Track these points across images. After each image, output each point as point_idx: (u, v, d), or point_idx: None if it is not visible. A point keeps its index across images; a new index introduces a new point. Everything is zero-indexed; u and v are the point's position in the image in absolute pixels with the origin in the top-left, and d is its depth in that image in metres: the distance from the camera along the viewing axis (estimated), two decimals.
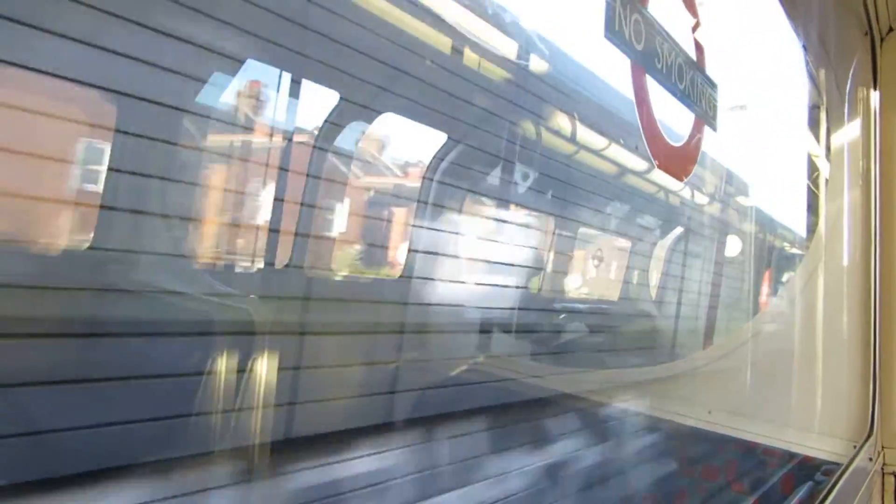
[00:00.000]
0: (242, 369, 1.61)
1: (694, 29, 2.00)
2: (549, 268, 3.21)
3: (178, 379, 1.63)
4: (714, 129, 2.04)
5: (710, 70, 2.06)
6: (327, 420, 2.09)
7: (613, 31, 1.56)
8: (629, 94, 1.68)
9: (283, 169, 2.25)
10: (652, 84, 1.75)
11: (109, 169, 1.73)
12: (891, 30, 2.62)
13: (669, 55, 1.80)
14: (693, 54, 1.96)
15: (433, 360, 2.51)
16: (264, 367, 1.64)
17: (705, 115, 1.98)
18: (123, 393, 1.55)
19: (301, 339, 2.05)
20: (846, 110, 2.73)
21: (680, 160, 1.89)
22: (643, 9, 1.71)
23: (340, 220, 2.71)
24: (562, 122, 2.77)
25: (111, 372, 1.56)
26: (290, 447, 1.88)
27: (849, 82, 2.70)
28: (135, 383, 1.59)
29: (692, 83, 1.90)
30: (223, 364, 1.57)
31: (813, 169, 3.01)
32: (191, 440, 1.49)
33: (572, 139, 2.84)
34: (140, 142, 1.76)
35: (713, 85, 2.03)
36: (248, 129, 2.30)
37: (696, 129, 1.96)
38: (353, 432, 2.10)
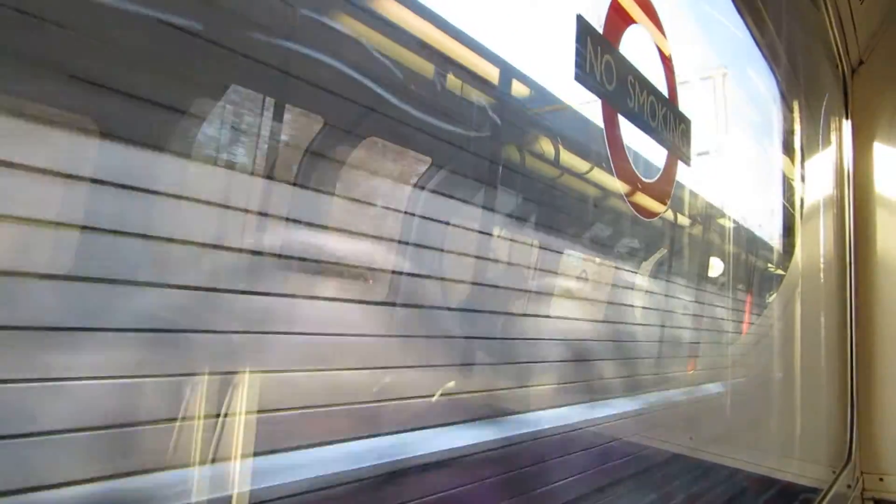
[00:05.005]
0: None
1: (665, 65, 2.04)
2: None
3: None
4: (688, 163, 2.07)
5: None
6: None
7: (585, 74, 1.59)
8: None
9: None
10: (624, 121, 1.79)
11: None
12: (861, 62, 2.68)
13: (641, 93, 1.83)
14: (665, 90, 2.00)
15: None
16: None
17: (678, 150, 2.02)
18: None
19: None
20: (820, 139, 2.79)
21: (653, 195, 1.91)
22: (615, 49, 1.74)
23: None
24: None
25: None
26: None
27: (822, 112, 2.75)
28: None
29: (664, 119, 1.94)
30: None
31: (789, 195, 3.05)
32: None
33: None
34: None
35: (686, 120, 2.07)
36: None
37: (670, 164, 1.99)
38: None
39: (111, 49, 1.09)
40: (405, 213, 1.75)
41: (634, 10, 1.89)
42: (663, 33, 2.01)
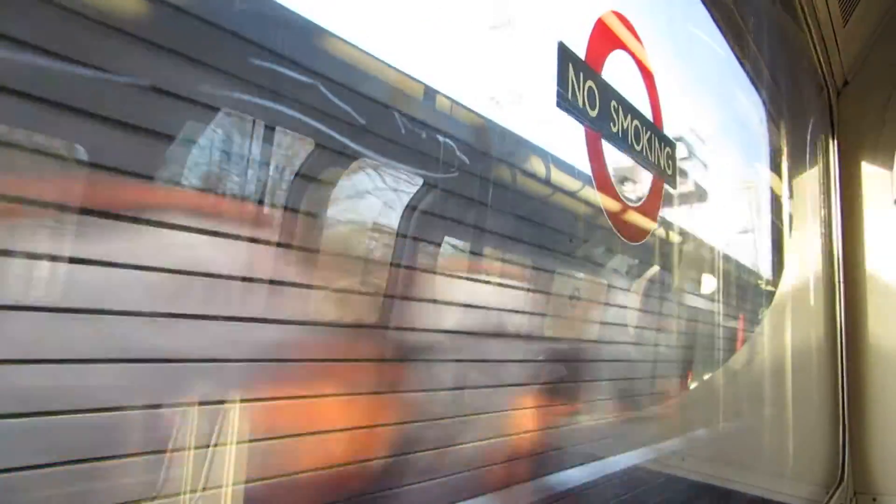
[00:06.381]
0: None
1: (649, 89, 2.05)
2: None
3: None
4: (673, 186, 2.08)
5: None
6: None
7: (566, 100, 1.60)
8: None
9: None
10: (608, 147, 1.79)
11: None
12: (846, 83, 2.70)
13: (625, 118, 1.84)
14: (649, 114, 2.01)
15: None
16: None
17: (663, 173, 2.02)
18: None
19: None
20: (807, 159, 2.80)
21: (639, 219, 1.92)
22: (597, 75, 1.75)
23: None
24: None
25: None
26: None
27: (808, 132, 2.77)
28: None
29: (649, 143, 1.95)
30: None
31: (777, 213, 3.06)
32: None
33: None
34: None
35: (672, 143, 2.08)
36: None
37: (655, 188, 2.00)
38: None
39: None
40: None
41: (619, 35, 1.90)
42: (646, 58, 2.03)
